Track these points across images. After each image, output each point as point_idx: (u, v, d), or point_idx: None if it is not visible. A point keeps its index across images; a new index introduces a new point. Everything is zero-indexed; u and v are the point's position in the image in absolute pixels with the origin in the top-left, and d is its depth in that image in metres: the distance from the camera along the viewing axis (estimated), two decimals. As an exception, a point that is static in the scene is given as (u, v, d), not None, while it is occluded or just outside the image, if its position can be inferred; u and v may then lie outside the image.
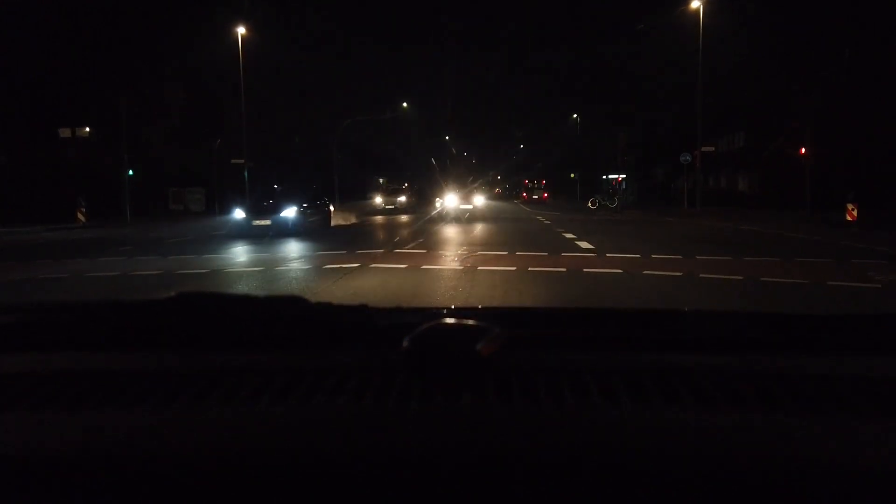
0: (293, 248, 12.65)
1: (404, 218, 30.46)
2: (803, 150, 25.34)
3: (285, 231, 15.74)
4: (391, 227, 20.45)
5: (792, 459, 0.62)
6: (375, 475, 0.62)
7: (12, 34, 28.02)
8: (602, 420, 0.70)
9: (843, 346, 0.94)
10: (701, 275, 8.00)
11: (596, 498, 0.60)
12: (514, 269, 8.72)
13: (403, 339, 0.77)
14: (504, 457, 0.63)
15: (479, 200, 39.00)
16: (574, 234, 15.41)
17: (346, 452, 0.64)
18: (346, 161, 50.60)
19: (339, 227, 20.83)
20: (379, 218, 28.21)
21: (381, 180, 50.07)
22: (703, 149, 30.29)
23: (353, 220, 24.97)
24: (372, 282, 7.90)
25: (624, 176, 46.94)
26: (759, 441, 0.65)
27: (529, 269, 8.70)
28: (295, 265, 9.70)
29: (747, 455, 0.63)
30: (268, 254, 11.45)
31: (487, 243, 13.15)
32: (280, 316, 1.01)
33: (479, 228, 18.88)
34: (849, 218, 20.62)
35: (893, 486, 0.60)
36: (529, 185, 59.63)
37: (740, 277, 7.79)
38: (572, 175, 70.19)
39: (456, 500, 0.60)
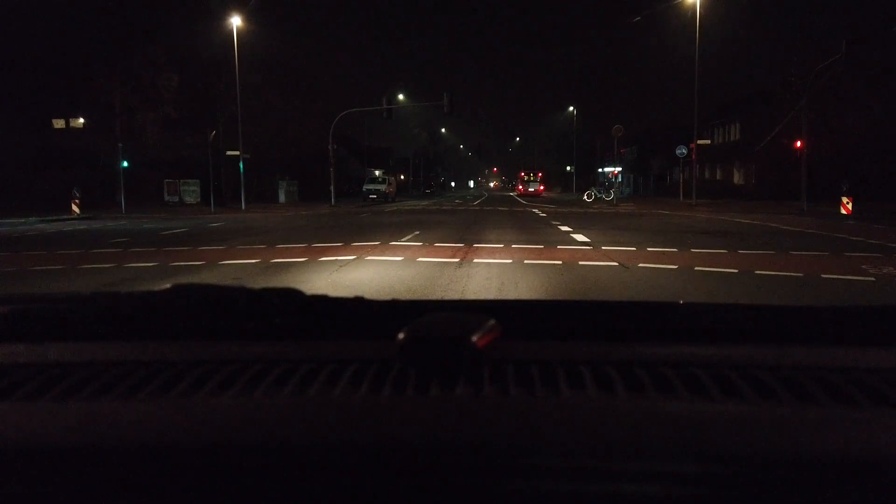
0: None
1: (391, 207, 30.55)
2: (799, 143, 25.39)
3: None
4: (385, 218, 20.41)
5: (785, 449, 0.63)
6: (370, 465, 0.62)
7: (3, 23, 27.81)
8: (597, 410, 0.71)
9: (836, 337, 0.95)
10: (696, 267, 8.03)
11: (592, 488, 0.60)
12: (509, 261, 8.73)
13: (399, 331, 0.77)
14: (499, 447, 0.63)
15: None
16: (570, 227, 15.43)
17: (341, 443, 0.64)
18: (342, 153, 50.52)
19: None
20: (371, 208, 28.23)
21: (376, 172, 50.00)
22: (699, 142, 30.32)
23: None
24: (368, 274, 7.90)
25: (620, 169, 46.95)
26: (753, 430, 0.66)
27: (525, 261, 8.71)
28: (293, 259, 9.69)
29: (741, 444, 0.63)
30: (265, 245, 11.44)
31: (483, 236, 13.15)
32: (275, 307, 1.01)
33: (474, 221, 18.89)
34: (843, 211, 20.70)
35: (886, 474, 0.60)
36: (525, 178, 59.50)
37: (735, 270, 7.81)
38: (568, 168, 70.28)
39: (451, 491, 0.61)
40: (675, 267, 8.14)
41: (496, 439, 0.65)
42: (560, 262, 8.59)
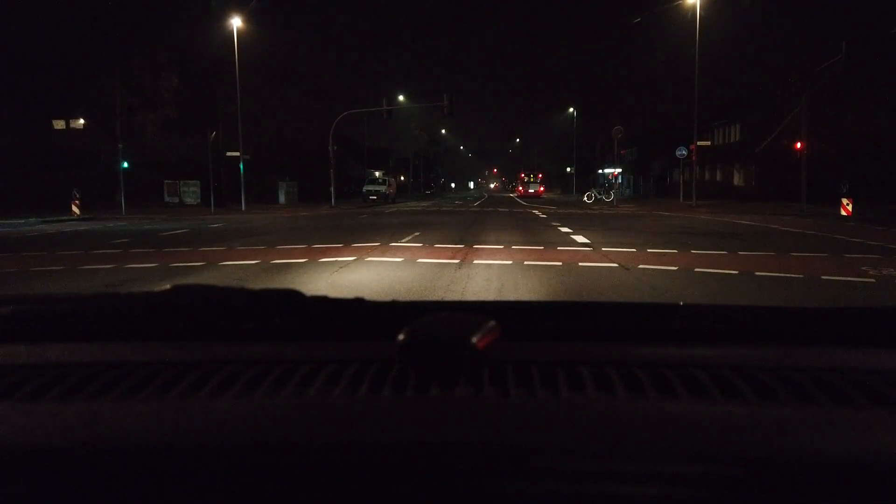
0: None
1: (391, 208, 30.60)
2: (799, 144, 25.39)
3: None
4: (385, 219, 20.41)
5: (785, 450, 0.63)
6: (370, 465, 0.62)
7: (3, 23, 27.80)
8: (597, 411, 0.71)
9: (836, 338, 0.95)
10: (696, 269, 8.02)
11: (591, 488, 0.60)
12: (509, 262, 8.73)
13: (399, 332, 0.77)
14: (499, 448, 0.63)
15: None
16: (570, 228, 15.43)
17: (341, 443, 0.64)
18: (342, 154, 50.53)
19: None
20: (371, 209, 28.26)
21: (377, 173, 50.04)
22: (699, 143, 30.30)
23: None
24: (368, 275, 7.90)
25: (620, 170, 46.96)
26: (753, 432, 0.66)
27: (525, 263, 8.71)
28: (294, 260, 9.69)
29: (741, 445, 0.63)
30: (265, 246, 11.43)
31: (483, 238, 13.16)
32: (275, 309, 1.01)
33: (474, 222, 18.89)
34: (843, 212, 20.69)
35: (886, 474, 0.60)
36: (525, 179, 59.55)
37: (735, 271, 7.81)
38: (568, 169, 70.27)
39: (451, 491, 0.61)
40: (676, 268, 8.14)
41: (496, 440, 0.65)
42: (560, 264, 8.58)
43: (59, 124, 38.89)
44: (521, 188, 61.23)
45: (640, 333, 0.98)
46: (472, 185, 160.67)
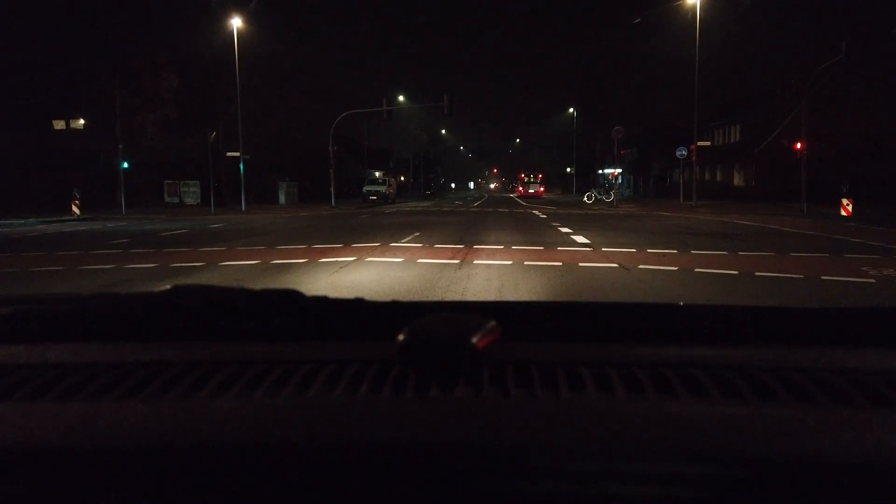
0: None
1: (391, 208, 30.60)
2: (799, 144, 25.38)
3: None
4: (385, 219, 20.39)
5: (785, 450, 0.62)
6: (370, 465, 0.62)
7: (3, 23, 27.81)
8: (597, 411, 0.71)
9: (836, 338, 0.95)
10: (696, 269, 8.02)
11: (591, 488, 0.60)
12: (509, 263, 8.73)
13: (399, 332, 0.77)
14: (499, 448, 0.63)
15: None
16: (570, 229, 15.43)
17: (341, 443, 0.64)
18: (343, 154, 50.55)
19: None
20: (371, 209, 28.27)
21: (377, 173, 50.07)
22: (699, 143, 30.30)
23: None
24: (368, 275, 7.90)
25: (620, 170, 46.99)
26: (753, 432, 0.66)
27: (525, 263, 8.71)
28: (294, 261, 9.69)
29: (741, 445, 0.63)
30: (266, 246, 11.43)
31: (483, 238, 13.16)
32: (276, 308, 1.01)
33: (474, 223, 18.89)
34: (843, 212, 20.69)
35: (886, 475, 0.60)
36: (525, 179, 59.59)
37: (735, 272, 7.81)
38: (568, 169, 70.31)
39: (451, 491, 0.61)
40: (676, 268, 8.14)
41: (496, 440, 0.65)
42: (560, 264, 8.58)
43: (59, 124, 38.91)
44: (521, 188, 61.28)
45: (640, 333, 0.98)
46: (472, 185, 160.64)
